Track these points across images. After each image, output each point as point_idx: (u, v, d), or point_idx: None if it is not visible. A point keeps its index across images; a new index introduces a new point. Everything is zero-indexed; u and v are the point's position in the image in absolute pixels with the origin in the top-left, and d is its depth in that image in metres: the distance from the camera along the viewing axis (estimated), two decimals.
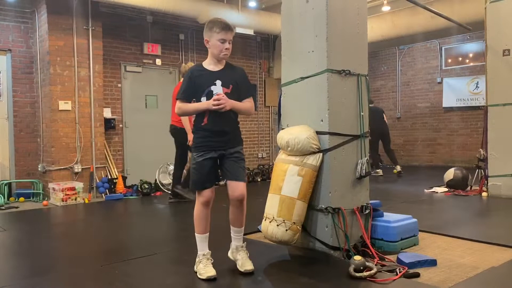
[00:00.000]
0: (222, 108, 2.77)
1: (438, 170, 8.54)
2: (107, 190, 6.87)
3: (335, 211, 3.28)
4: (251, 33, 8.19)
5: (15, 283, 2.94)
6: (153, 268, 3.16)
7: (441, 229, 4.12)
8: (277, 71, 9.75)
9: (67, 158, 6.71)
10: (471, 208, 5.46)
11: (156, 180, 7.31)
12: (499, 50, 5.98)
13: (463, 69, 10.65)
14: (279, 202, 3.24)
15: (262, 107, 9.78)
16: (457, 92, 10.62)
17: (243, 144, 3.07)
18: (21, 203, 6.43)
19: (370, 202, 3.57)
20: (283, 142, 3.37)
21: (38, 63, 6.88)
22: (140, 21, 7.92)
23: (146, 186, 7.07)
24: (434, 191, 6.67)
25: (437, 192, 6.62)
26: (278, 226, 3.20)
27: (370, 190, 3.62)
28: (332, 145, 3.32)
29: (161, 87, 8.18)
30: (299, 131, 3.33)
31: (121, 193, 6.91)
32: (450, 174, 6.77)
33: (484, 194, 6.13)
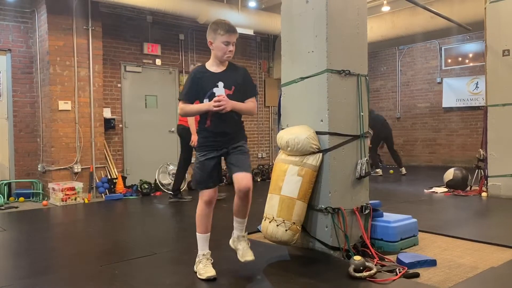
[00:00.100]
0: (222, 109, 2.78)
1: (438, 170, 8.54)
2: (107, 190, 6.87)
3: (335, 211, 3.29)
4: (251, 33, 8.20)
5: (15, 283, 2.94)
6: (153, 268, 3.16)
7: (440, 229, 4.13)
8: (277, 71, 9.75)
9: (67, 158, 6.71)
10: (471, 208, 5.46)
11: (156, 180, 7.31)
12: (499, 50, 5.99)
13: (463, 69, 10.65)
14: (279, 202, 3.25)
15: (262, 107, 9.78)
16: (457, 92, 10.63)
17: (247, 140, 3.06)
18: (20, 203, 6.43)
19: (370, 202, 3.58)
20: (283, 142, 3.37)
21: (38, 63, 6.88)
22: (140, 21, 7.91)
23: (146, 186, 7.07)
24: (433, 191, 6.68)
25: (436, 192, 6.62)
26: (278, 226, 3.20)
27: (370, 190, 3.62)
28: (332, 145, 3.32)
29: (161, 87, 8.18)
30: (299, 131, 3.33)
31: (121, 193, 6.91)
32: (449, 174, 6.78)
33: (483, 194, 6.14)
